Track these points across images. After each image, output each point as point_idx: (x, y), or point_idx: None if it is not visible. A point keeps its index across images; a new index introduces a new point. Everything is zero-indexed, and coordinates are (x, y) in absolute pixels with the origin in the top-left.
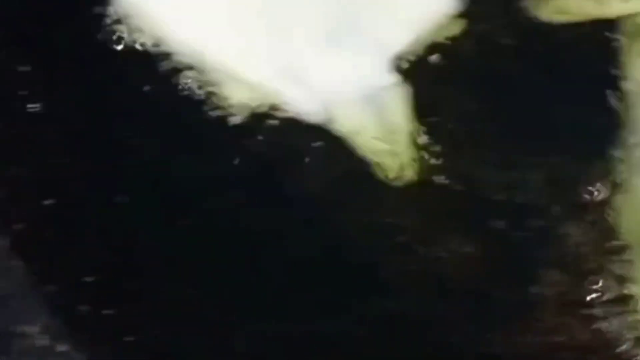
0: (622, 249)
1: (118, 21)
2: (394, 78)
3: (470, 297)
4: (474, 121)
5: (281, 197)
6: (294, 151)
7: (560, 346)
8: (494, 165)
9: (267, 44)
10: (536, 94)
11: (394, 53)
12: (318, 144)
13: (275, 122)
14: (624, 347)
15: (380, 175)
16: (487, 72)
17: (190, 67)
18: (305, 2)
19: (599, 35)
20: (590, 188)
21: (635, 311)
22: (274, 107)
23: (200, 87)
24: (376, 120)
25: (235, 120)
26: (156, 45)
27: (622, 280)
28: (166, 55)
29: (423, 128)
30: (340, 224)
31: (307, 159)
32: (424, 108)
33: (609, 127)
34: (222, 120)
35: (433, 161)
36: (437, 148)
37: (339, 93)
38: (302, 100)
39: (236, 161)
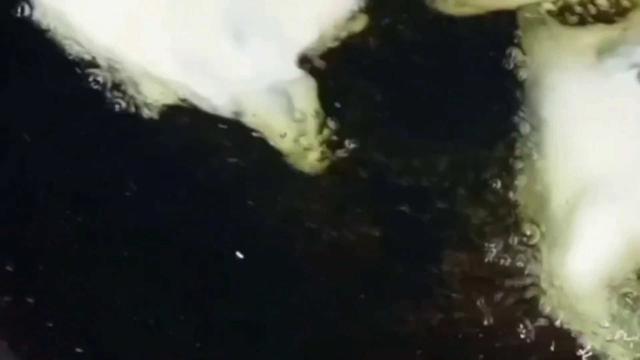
0: (523, 228)
1: (33, 20)
2: (300, 72)
3: (378, 277)
4: (379, 111)
5: (193, 188)
6: (205, 144)
7: (463, 321)
8: (399, 152)
9: (176, 40)
10: (439, 83)
11: (299, 48)
12: (229, 136)
13: (186, 116)
14: (524, 322)
15: (290, 164)
16: (391, 64)
17: (101, 64)
18: None
19: (498, 26)
20: (491, 171)
21: (536, 288)
22: (185, 102)
23: (112, 84)
24: (284, 111)
25: (147, 115)
26: (68, 42)
27: (523, 258)
28: (78, 52)
29: (330, 118)
30: (252, 211)
31: (218, 151)
32: (331, 99)
33: (509, 113)
34: (134, 115)
35: (340, 149)
36: (344, 137)
37: (248, 86)
38: (212, 94)
39: (149, 155)
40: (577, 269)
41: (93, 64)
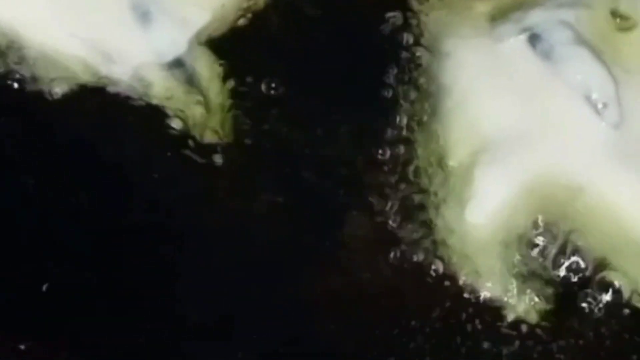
0: (421, 191)
1: None
2: (203, 49)
3: (282, 243)
4: (281, 85)
5: (99, 166)
6: (111, 122)
7: (366, 283)
8: (301, 124)
9: (81, 21)
10: (338, 56)
11: (201, 26)
12: (134, 113)
13: (92, 95)
14: (426, 280)
15: (195, 137)
16: (292, 40)
17: (3, 45)
18: None
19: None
20: (390, 137)
21: (436, 245)
22: (90, 82)
23: (17, 65)
24: (188, 87)
25: (53, 95)
26: None
27: (423, 218)
28: None
29: (233, 92)
30: (159, 187)
31: (124, 129)
32: (233, 74)
33: (406, 80)
34: (40, 95)
35: (243, 122)
36: (247, 110)
37: (151, 64)
38: (117, 73)
39: (55, 136)
40: (474, 223)
41: None
